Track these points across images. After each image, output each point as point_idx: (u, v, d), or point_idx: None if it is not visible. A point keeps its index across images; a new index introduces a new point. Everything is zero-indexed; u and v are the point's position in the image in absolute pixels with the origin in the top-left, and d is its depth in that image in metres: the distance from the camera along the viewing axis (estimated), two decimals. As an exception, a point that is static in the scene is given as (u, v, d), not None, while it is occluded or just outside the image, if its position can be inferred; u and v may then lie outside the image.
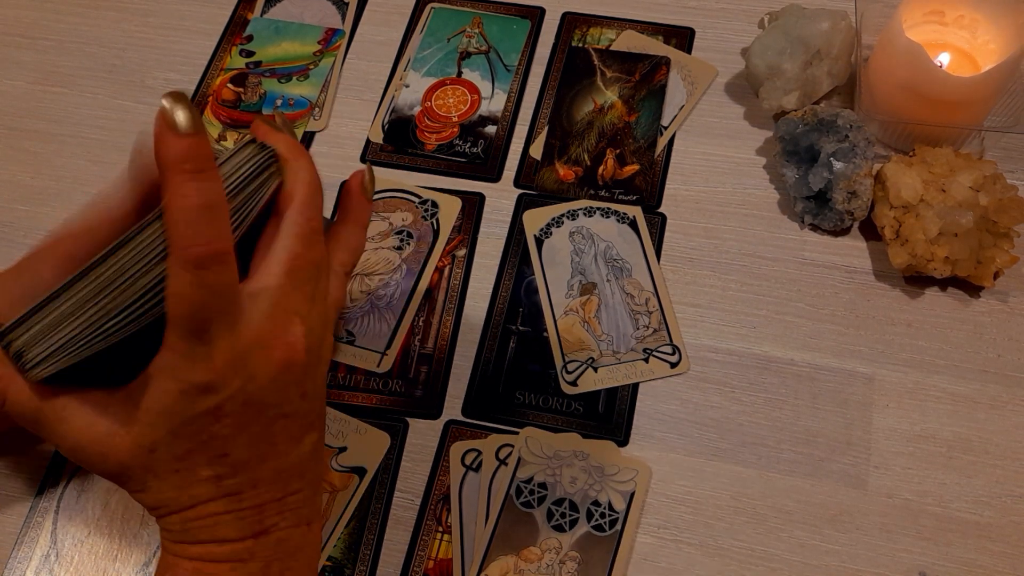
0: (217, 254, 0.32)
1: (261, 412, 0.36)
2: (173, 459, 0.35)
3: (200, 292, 0.32)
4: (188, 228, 0.32)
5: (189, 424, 0.34)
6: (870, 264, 0.58)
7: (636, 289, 0.58)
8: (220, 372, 0.34)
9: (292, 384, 0.36)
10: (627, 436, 0.53)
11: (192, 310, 0.32)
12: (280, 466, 0.37)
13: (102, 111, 0.68)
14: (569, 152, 0.64)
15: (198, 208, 0.32)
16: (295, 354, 0.36)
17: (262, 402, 0.35)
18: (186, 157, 0.32)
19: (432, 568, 0.50)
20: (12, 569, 0.50)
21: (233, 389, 0.34)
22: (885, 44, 0.60)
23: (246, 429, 0.35)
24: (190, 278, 0.32)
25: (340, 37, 0.71)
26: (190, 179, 0.32)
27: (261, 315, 0.35)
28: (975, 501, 0.50)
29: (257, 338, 0.34)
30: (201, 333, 0.33)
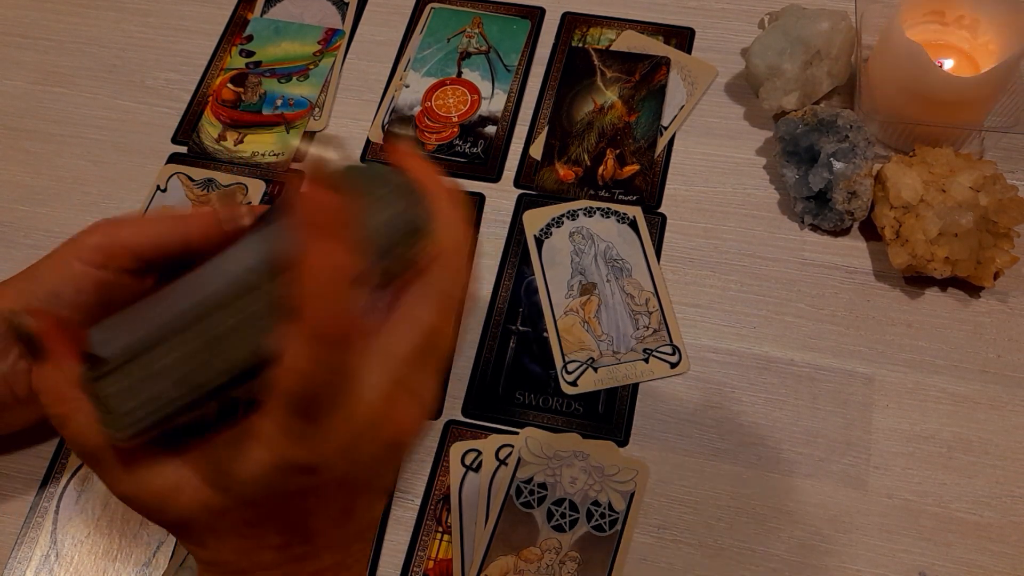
0: (348, 336, 0.28)
1: (353, 487, 0.32)
2: (244, 524, 0.31)
3: (322, 372, 0.28)
4: (325, 301, 0.27)
5: (273, 498, 0.30)
6: (870, 264, 0.58)
7: (636, 289, 0.58)
8: (324, 456, 0.30)
9: (391, 463, 0.33)
10: (627, 436, 0.53)
11: (308, 389, 0.28)
12: (350, 532, 0.34)
13: (102, 111, 0.68)
14: (569, 152, 0.64)
15: (338, 278, 0.28)
16: (406, 438, 0.32)
17: (357, 480, 0.32)
18: (329, 215, 0.28)
19: (432, 568, 0.50)
20: (12, 569, 0.50)
21: (336, 474, 0.30)
22: (885, 44, 0.60)
23: (329, 504, 0.32)
24: (315, 355, 0.28)
25: (340, 37, 0.71)
26: (331, 242, 0.28)
27: (380, 394, 0.30)
28: (975, 501, 0.50)
29: (372, 420, 0.30)
30: (311, 414, 0.29)
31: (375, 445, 0.31)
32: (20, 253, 0.62)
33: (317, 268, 0.27)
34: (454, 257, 0.32)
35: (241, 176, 0.64)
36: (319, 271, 0.27)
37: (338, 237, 0.28)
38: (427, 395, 0.32)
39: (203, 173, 0.64)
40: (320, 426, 0.29)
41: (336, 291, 0.28)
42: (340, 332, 0.28)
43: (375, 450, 0.31)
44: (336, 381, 0.29)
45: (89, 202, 0.63)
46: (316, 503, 0.31)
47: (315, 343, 0.27)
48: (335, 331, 0.28)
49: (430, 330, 0.31)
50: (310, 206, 0.28)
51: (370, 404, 0.30)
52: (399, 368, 0.31)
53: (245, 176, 0.64)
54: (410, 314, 0.31)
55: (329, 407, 0.29)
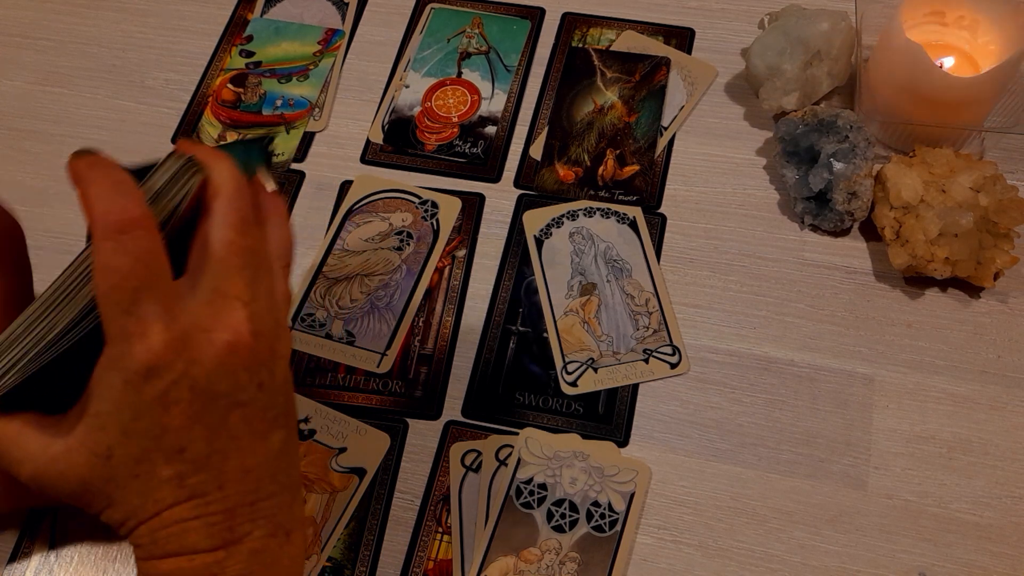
0: (135, 219, 0.33)
1: (213, 400, 0.35)
2: (131, 462, 0.34)
3: (123, 258, 0.33)
4: (102, 202, 0.33)
5: (139, 418, 0.34)
6: (870, 265, 0.58)
7: (636, 290, 0.58)
8: (159, 353, 0.33)
9: (242, 370, 0.35)
10: (627, 437, 0.53)
11: (118, 278, 0.33)
12: (246, 464, 0.36)
13: (102, 111, 0.68)
14: (569, 152, 0.64)
15: (109, 185, 0.34)
16: (240, 337, 0.35)
17: (211, 389, 0.35)
18: (87, 163, 0.35)
19: (432, 569, 0.50)
20: (12, 569, 0.50)
21: (177, 372, 0.34)
22: (885, 44, 0.59)
23: (199, 420, 0.35)
24: (111, 245, 0.33)
25: (340, 37, 0.71)
26: (95, 172, 0.34)
27: (198, 300, 0.35)
28: (975, 502, 0.50)
29: (196, 321, 0.34)
30: (131, 305, 0.33)
31: (211, 347, 0.34)
32: (20, 253, 0.62)
33: (86, 187, 0.34)
34: (232, 186, 0.37)
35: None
36: (89, 187, 0.34)
37: (105, 166, 0.35)
38: (256, 306, 0.36)
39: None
40: (145, 322, 0.33)
41: (108, 191, 0.34)
42: (126, 218, 0.33)
43: (212, 351, 0.34)
44: (145, 271, 0.33)
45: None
46: (180, 416, 0.34)
47: (109, 233, 0.33)
48: (121, 218, 0.33)
49: (228, 242, 0.36)
50: (79, 160, 0.35)
51: (189, 305, 0.34)
52: (210, 278, 0.35)
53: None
54: (209, 236, 0.36)
55: (150, 302, 0.33)
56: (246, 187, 0.38)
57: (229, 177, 0.37)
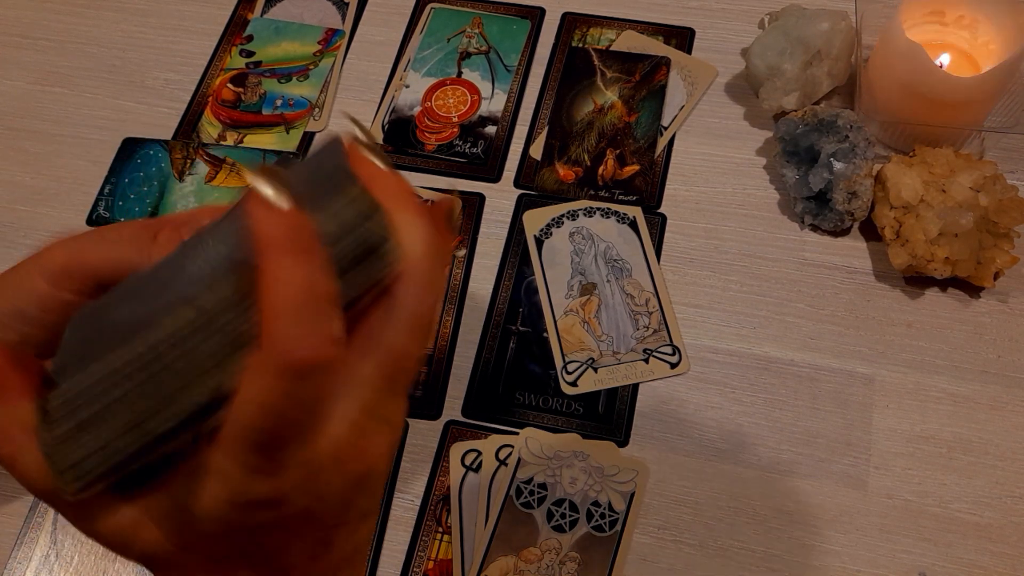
0: (325, 362, 0.25)
1: (322, 524, 0.30)
2: (209, 560, 0.29)
3: (289, 405, 0.25)
4: (292, 326, 0.25)
5: (235, 535, 0.28)
6: (870, 264, 0.58)
7: (636, 289, 0.58)
8: (283, 491, 0.27)
9: (362, 497, 0.30)
10: (627, 436, 0.53)
11: (271, 424, 0.25)
12: (332, 561, 0.32)
13: (102, 111, 0.68)
14: (569, 152, 0.64)
15: (305, 300, 0.25)
16: (376, 468, 0.29)
17: (325, 514, 0.29)
18: (288, 233, 0.25)
19: (432, 568, 0.50)
20: (12, 569, 0.50)
21: (297, 509, 0.28)
22: (885, 44, 0.59)
23: (300, 538, 0.30)
24: (283, 387, 0.25)
25: (340, 37, 0.71)
26: (294, 262, 0.25)
27: (346, 425, 0.28)
28: (975, 502, 0.50)
29: (334, 451, 0.28)
30: (273, 450, 0.26)
31: (342, 478, 0.28)
32: (20, 253, 0.61)
33: (278, 285, 0.25)
34: (422, 274, 0.29)
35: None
36: (281, 288, 0.25)
37: (302, 253, 0.25)
38: (396, 420, 0.30)
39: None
40: (280, 461, 0.27)
41: (303, 311, 0.25)
42: (314, 361, 0.25)
43: (343, 483, 0.29)
44: (306, 420, 0.26)
45: (89, 202, 0.63)
46: (284, 537, 0.29)
47: (277, 373, 0.25)
48: (308, 359, 0.25)
49: (399, 354, 0.28)
50: (265, 218, 0.25)
51: (335, 436, 0.27)
52: (366, 396, 0.28)
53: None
54: (377, 338, 0.28)
55: (290, 441, 0.27)
56: (440, 265, 0.29)
57: (422, 254, 0.28)
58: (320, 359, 0.25)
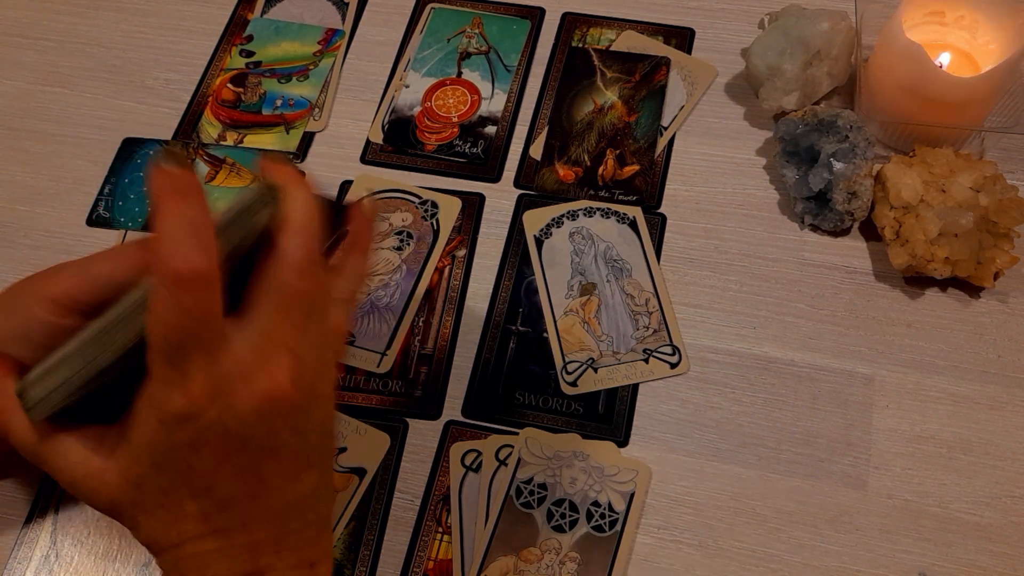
0: (198, 272, 0.31)
1: (244, 445, 0.34)
2: (158, 493, 0.34)
3: (176, 312, 0.31)
4: (169, 244, 0.31)
5: (169, 455, 0.34)
6: (870, 264, 0.58)
7: (636, 289, 0.58)
8: (195, 400, 0.33)
9: (279, 418, 0.35)
10: (627, 437, 0.53)
11: (167, 330, 0.32)
12: (273, 504, 0.36)
13: (102, 111, 0.68)
14: (569, 152, 0.64)
15: (181, 224, 0.31)
16: (280, 387, 0.34)
17: (244, 434, 0.34)
18: (170, 183, 0.32)
19: (432, 569, 0.50)
20: (12, 569, 0.50)
21: (210, 418, 0.33)
22: (885, 44, 0.59)
23: (228, 461, 0.34)
24: (168, 296, 0.31)
25: (340, 37, 0.71)
26: (174, 199, 0.32)
27: (245, 346, 0.33)
28: (975, 502, 0.50)
29: (239, 368, 0.33)
30: (178, 359, 0.32)
31: (250, 396, 0.33)
32: (20, 253, 0.62)
33: (160, 218, 0.31)
34: (301, 221, 0.35)
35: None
36: (162, 219, 0.31)
37: (182, 195, 0.32)
38: (304, 352, 0.35)
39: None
40: (188, 373, 0.32)
41: (179, 234, 0.31)
42: (190, 270, 0.31)
43: (250, 400, 0.33)
44: (197, 328, 0.32)
45: (89, 202, 0.63)
46: (209, 458, 0.34)
47: (169, 284, 0.31)
48: (184, 269, 0.31)
49: (287, 286, 0.34)
50: (159, 176, 0.32)
51: (235, 351, 0.33)
52: (262, 324, 0.34)
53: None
54: (269, 276, 0.34)
55: (196, 355, 0.32)
56: (317, 220, 0.36)
57: (302, 210, 0.35)
58: (194, 269, 0.31)
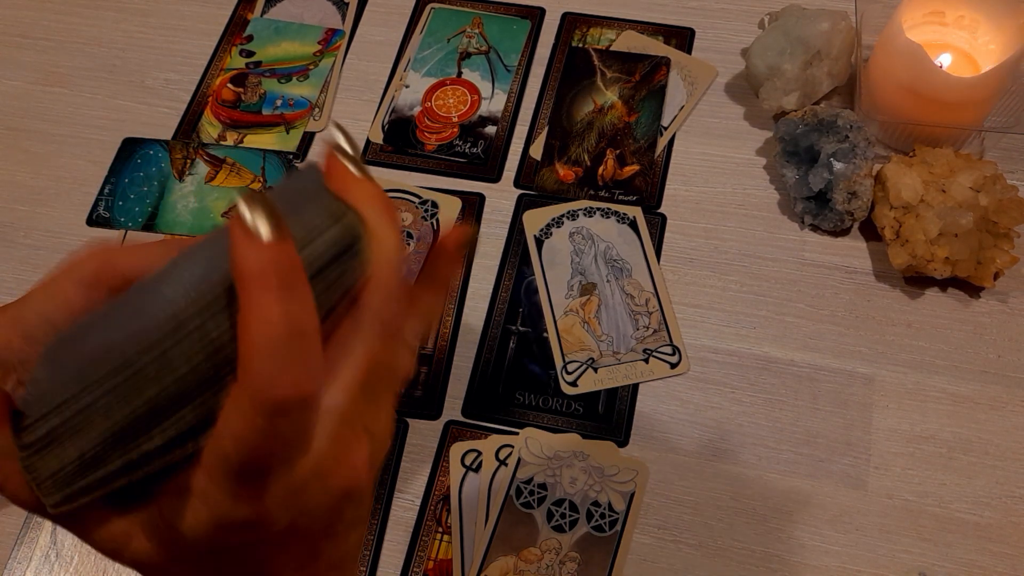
0: (305, 399, 0.25)
1: (308, 534, 0.30)
2: (196, 572, 0.30)
3: (270, 441, 0.25)
4: (271, 363, 0.24)
5: (221, 552, 0.29)
6: (870, 264, 0.58)
7: (636, 289, 0.58)
8: (267, 512, 0.27)
9: (349, 508, 0.30)
10: (627, 436, 0.53)
11: (253, 457, 0.25)
12: (320, 569, 0.32)
13: (102, 111, 0.68)
14: (569, 152, 0.64)
15: (286, 337, 0.24)
16: (358, 479, 0.29)
17: (311, 528, 0.29)
18: (270, 268, 0.24)
19: (432, 568, 0.50)
20: (12, 569, 0.50)
21: (280, 527, 0.28)
22: (885, 44, 0.59)
23: (286, 551, 0.30)
24: (263, 424, 0.25)
25: (340, 37, 0.71)
26: (275, 298, 0.24)
27: (325, 439, 0.27)
28: (975, 502, 0.50)
29: (317, 470, 0.27)
30: (255, 480, 0.26)
31: (326, 493, 0.28)
32: (20, 253, 0.62)
33: (258, 322, 0.24)
34: (388, 278, 0.28)
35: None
36: (261, 326, 0.24)
37: (285, 290, 0.25)
38: (378, 430, 0.30)
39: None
40: (261, 487, 0.27)
41: (283, 350, 0.24)
42: (294, 398, 0.25)
43: (327, 497, 0.29)
44: (288, 453, 0.26)
45: (89, 202, 0.63)
46: (269, 551, 0.29)
47: (255, 409, 0.25)
48: (288, 397, 0.25)
49: (372, 362, 0.28)
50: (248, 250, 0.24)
51: (315, 453, 0.27)
52: (344, 408, 0.28)
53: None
54: (354, 348, 0.28)
55: (271, 471, 0.26)
56: (403, 270, 0.29)
57: (388, 260, 0.28)
58: (299, 397, 0.25)
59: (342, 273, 0.27)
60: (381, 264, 0.28)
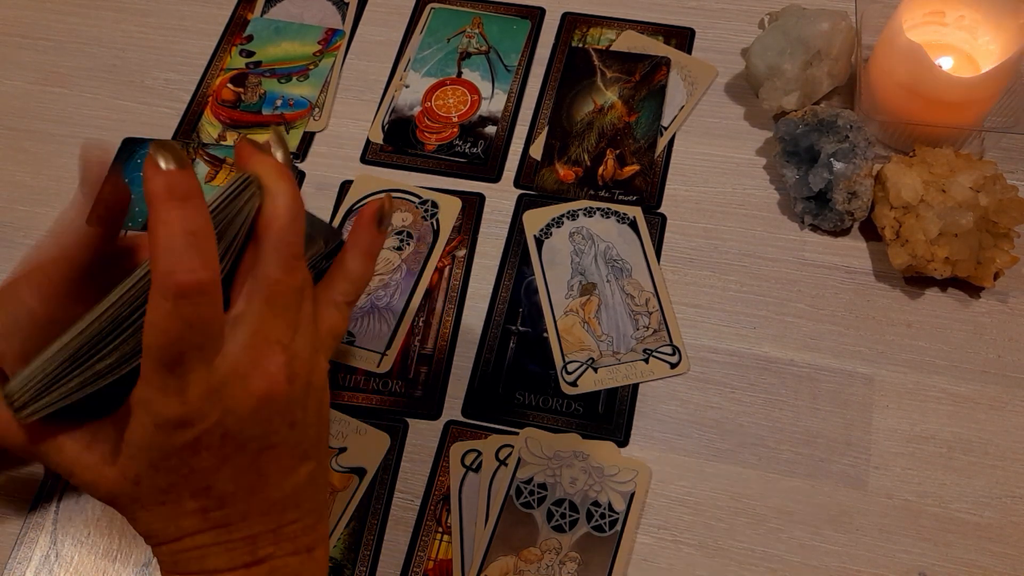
0: (200, 284, 0.31)
1: (243, 444, 0.35)
2: (157, 491, 0.34)
3: (178, 324, 0.31)
4: (171, 255, 0.31)
5: (168, 458, 0.34)
6: (870, 264, 0.58)
7: (636, 289, 0.58)
8: (194, 406, 0.33)
9: (276, 415, 0.35)
10: (627, 436, 0.53)
11: (167, 341, 0.31)
12: (271, 497, 0.36)
13: (102, 111, 0.68)
14: (569, 152, 0.64)
15: (181, 234, 0.31)
16: (276, 384, 0.34)
17: (243, 434, 0.34)
18: (169, 187, 0.31)
19: (432, 569, 0.50)
20: (12, 569, 0.50)
21: (209, 423, 0.33)
22: (885, 44, 0.59)
23: (228, 461, 0.34)
24: (169, 308, 0.31)
25: (340, 37, 0.71)
26: (173, 207, 0.31)
27: (239, 346, 0.33)
28: (975, 502, 0.50)
29: (234, 369, 0.33)
30: (175, 366, 0.32)
31: (247, 396, 0.33)
32: (20, 253, 0.61)
33: (159, 226, 0.31)
34: (285, 218, 0.35)
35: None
36: (162, 228, 0.31)
37: (180, 200, 0.31)
38: (295, 347, 0.35)
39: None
40: (185, 379, 0.32)
41: (180, 244, 0.31)
42: (191, 282, 0.31)
43: (248, 401, 0.34)
44: (196, 337, 0.32)
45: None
46: (209, 459, 0.34)
47: (169, 295, 0.30)
48: (186, 281, 0.30)
49: (273, 282, 0.34)
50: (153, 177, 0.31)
51: (229, 353, 0.33)
52: (253, 323, 0.34)
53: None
54: (257, 273, 0.34)
55: (193, 361, 0.32)
56: (300, 217, 0.36)
57: (284, 205, 0.35)
58: (195, 281, 0.31)
59: (239, 211, 0.34)
60: (272, 205, 0.35)
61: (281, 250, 0.35)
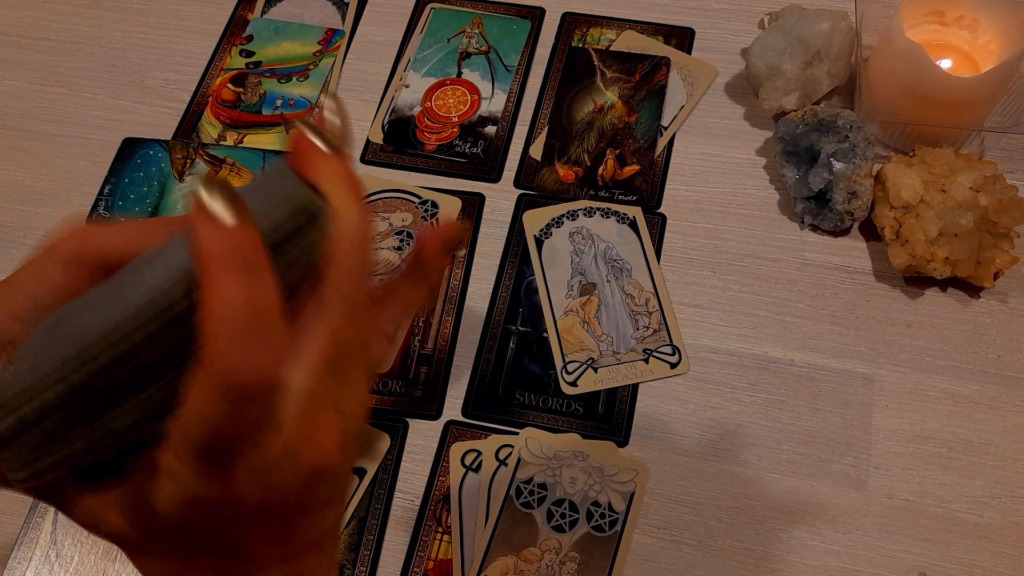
0: (267, 382, 0.25)
1: (280, 512, 0.30)
2: (172, 549, 0.30)
3: (234, 423, 0.25)
4: (232, 344, 0.24)
5: (193, 529, 0.29)
6: (870, 264, 0.58)
7: (636, 289, 0.58)
8: (235, 489, 0.27)
9: (322, 483, 0.30)
10: (627, 436, 0.53)
11: (215, 437, 0.25)
12: (297, 547, 0.32)
13: (102, 111, 0.68)
14: (569, 152, 0.64)
15: (246, 318, 0.24)
16: (328, 456, 0.29)
17: (284, 505, 0.29)
18: (228, 250, 0.25)
19: (432, 568, 0.50)
20: (12, 569, 0.50)
21: (252, 504, 0.28)
22: (885, 44, 0.59)
23: (261, 526, 0.30)
24: (227, 408, 0.25)
25: (340, 37, 0.71)
26: (235, 280, 0.24)
27: (292, 419, 0.27)
28: (975, 502, 0.50)
29: (286, 446, 0.27)
30: (221, 458, 0.26)
31: (296, 471, 0.28)
32: (20, 253, 0.62)
33: (219, 303, 0.24)
34: (350, 254, 0.28)
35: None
36: (222, 306, 0.24)
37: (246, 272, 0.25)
38: (349, 408, 0.30)
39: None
40: (228, 466, 0.27)
41: (244, 331, 0.24)
42: (257, 381, 0.25)
43: (297, 475, 0.28)
44: (253, 433, 0.26)
45: (89, 202, 0.63)
46: (244, 529, 0.30)
47: (219, 392, 0.25)
48: (251, 380, 0.25)
49: (337, 339, 0.28)
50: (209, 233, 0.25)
51: (283, 433, 0.27)
52: (310, 389, 0.28)
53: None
54: (317, 326, 0.28)
55: (237, 451, 0.26)
56: (369, 247, 0.29)
57: (351, 236, 0.28)
58: (262, 381, 0.25)
59: (303, 249, 0.27)
60: (343, 240, 0.28)
61: (350, 296, 0.28)
